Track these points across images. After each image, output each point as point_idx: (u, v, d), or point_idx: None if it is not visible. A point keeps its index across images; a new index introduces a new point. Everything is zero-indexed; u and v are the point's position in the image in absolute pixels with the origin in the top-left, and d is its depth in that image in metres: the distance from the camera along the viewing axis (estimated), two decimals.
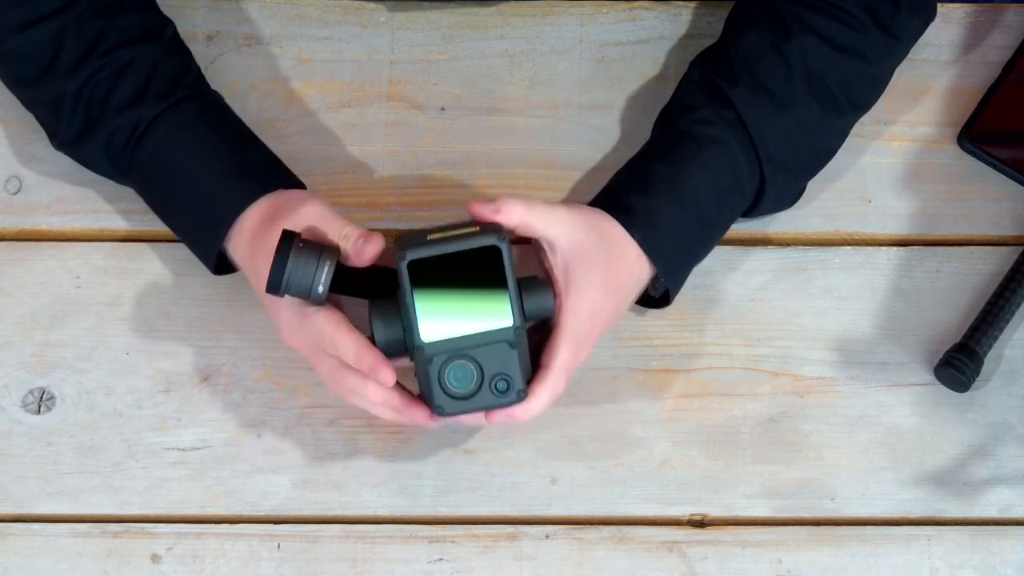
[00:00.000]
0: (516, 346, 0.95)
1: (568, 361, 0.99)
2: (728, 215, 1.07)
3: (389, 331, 0.96)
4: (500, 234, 0.95)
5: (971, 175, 1.15)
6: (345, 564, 1.06)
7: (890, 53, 1.09)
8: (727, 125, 1.05)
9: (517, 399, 0.96)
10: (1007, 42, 1.18)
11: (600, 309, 1.00)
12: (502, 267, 0.95)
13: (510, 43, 1.17)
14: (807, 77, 1.05)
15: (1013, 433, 1.09)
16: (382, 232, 1.12)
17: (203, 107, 1.06)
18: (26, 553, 1.06)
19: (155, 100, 1.04)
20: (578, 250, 1.00)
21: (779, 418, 1.09)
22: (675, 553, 1.07)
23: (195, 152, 1.04)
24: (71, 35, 1.04)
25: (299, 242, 0.96)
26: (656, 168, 1.05)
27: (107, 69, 1.04)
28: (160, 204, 1.07)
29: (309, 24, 1.17)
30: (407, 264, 0.94)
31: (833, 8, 1.06)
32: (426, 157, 1.14)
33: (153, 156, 1.04)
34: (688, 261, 1.06)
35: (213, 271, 1.06)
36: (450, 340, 0.95)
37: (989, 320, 1.09)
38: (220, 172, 1.04)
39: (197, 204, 1.04)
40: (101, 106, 1.04)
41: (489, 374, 0.95)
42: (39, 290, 1.10)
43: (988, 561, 1.07)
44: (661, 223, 1.03)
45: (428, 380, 0.95)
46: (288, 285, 0.95)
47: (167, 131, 1.04)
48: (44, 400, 1.08)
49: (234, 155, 1.05)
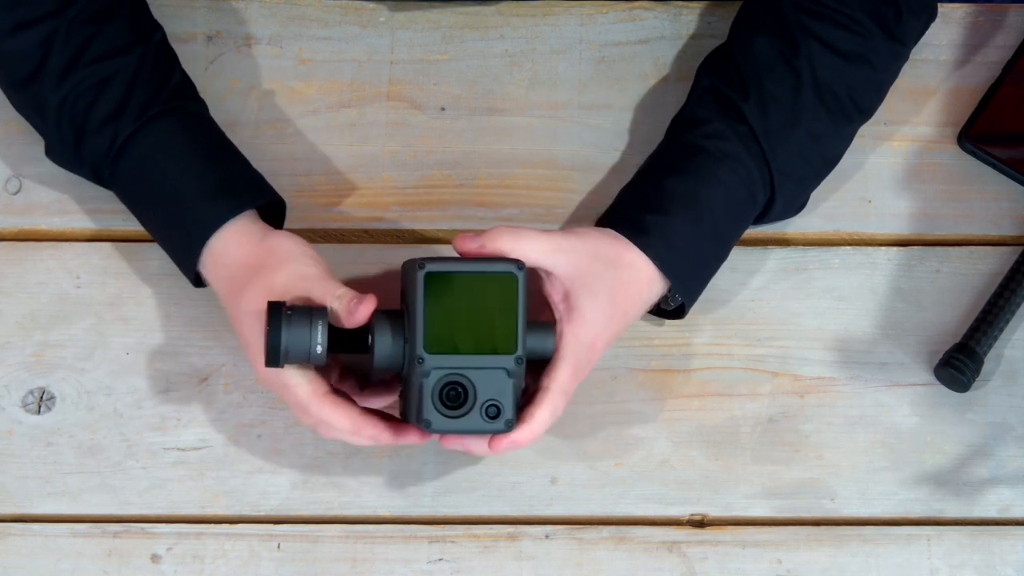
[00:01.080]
0: (513, 376, 0.96)
1: (568, 384, 0.99)
2: (742, 227, 1.07)
3: (392, 343, 0.97)
4: (519, 263, 0.96)
5: (971, 175, 1.15)
6: (345, 564, 1.06)
7: (894, 58, 1.09)
8: (741, 140, 1.05)
9: (506, 428, 0.96)
10: (1007, 42, 1.18)
11: (603, 333, 1.01)
12: (515, 296, 0.96)
13: (510, 43, 1.17)
14: (815, 86, 1.05)
15: (1013, 433, 1.09)
16: (382, 233, 1.13)
17: (182, 122, 1.05)
18: (26, 553, 1.06)
19: (134, 115, 1.03)
20: (579, 277, 1.00)
21: (779, 418, 1.09)
22: (675, 553, 1.07)
23: (170, 169, 1.03)
24: (59, 40, 1.03)
25: (287, 310, 0.96)
26: (671, 183, 1.04)
27: (89, 81, 1.03)
28: (141, 217, 1.07)
29: (309, 24, 1.17)
30: (424, 275, 0.95)
31: (837, 15, 1.05)
32: (426, 157, 1.14)
33: (131, 171, 1.04)
34: (705, 277, 1.06)
35: (193, 283, 1.05)
36: (451, 358, 0.96)
37: (989, 320, 1.09)
38: (195, 190, 1.03)
39: (173, 222, 1.03)
40: (83, 122, 1.04)
41: (482, 398, 0.96)
42: (39, 290, 1.10)
43: (988, 561, 1.07)
44: (679, 242, 1.03)
45: (421, 393, 0.96)
46: (287, 355, 0.96)
47: (143, 148, 1.03)
48: (44, 400, 1.08)
49: (211, 172, 1.04)
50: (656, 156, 1.08)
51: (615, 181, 1.13)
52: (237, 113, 1.14)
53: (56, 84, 1.04)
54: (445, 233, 1.13)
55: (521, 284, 0.96)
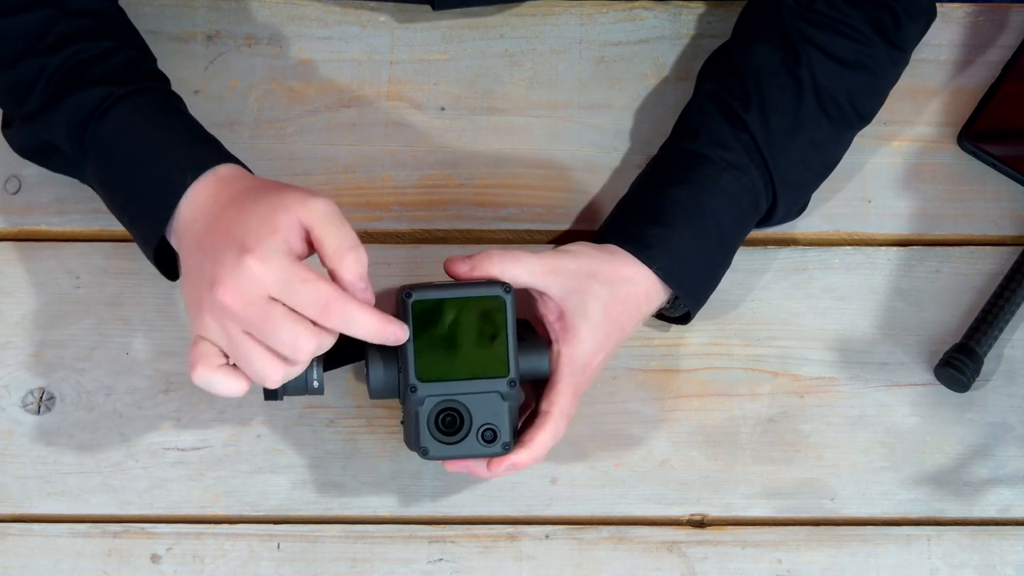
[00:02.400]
0: (508, 398, 0.96)
1: (568, 407, 1.00)
2: (745, 234, 1.07)
3: (386, 372, 0.97)
4: (506, 286, 0.96)
5: (971, 175, 1.15)
6: (345, 564, 1.06)
7: (895, 64, 1.09)
8: (744, 149, 1.04)
9: (503, 451, 0.97)
10: (1007, 42, 1.18)
11: (600, 351, 1.01)
12: (504, 319, 0.96)
13: (510, 43, 1.17)
14: (816, 94, 1.05)
15: (1013, 433, 1.09)
16: (382, 233, 1.13)
17: (170, 98, 1.05)
18: (26, 553, 1.06)
19: (130, 81, 1.02)
20: (573, 297, 1.00)
21: (779, 418, 1.09)
22: (675, 553, 1.07)
23: (164, 124, 1.01)
24: (62, 22, 1.02)
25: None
26: (674, 193, 1.04)
27: (91, 51, 1.02)
28: (120, 176, 1.02)
29: (309, 24, 1.17)
30: (411, 304, 0.95)
31: (836, 23, 1.05)
32: (426, 157, 1.14)
33: (121, 124, 1.01)
34: (710, 286, 1.06)
35: (154, 259, 1.01)
36: (444, 385, 0.96)
37: (989, 320, 1.09)
38: (191, 138, 1.01)
39: (155, 171, 0.99)
40: (78, 77, 1.01)
41: (478, 423, 0.96)
42: (39, 290, 1.10)
43: (988, 561, 1.07)
44: (683, 254, 1.03)
45: (416, 421, 0.96)
46: (286, 388, 0.97)
47: (133, 107, 1.01)
48: (44, 400, 1.08)
49: (203, 131, 1.02)
50: (657, 163, 1.08)
51: (615, 181, 1.13)
52: (237, 113, 1.14)
53: (54, 52, 1.02)
54: (445, 233, 1.13)
55: (509, 306, 0.96)
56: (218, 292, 0.90)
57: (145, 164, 0.99)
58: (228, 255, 0.91)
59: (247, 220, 0.92)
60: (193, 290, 0.94)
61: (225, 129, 1.13)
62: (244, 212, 0.92)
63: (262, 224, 0.91)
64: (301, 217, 0.91)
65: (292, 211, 0.91)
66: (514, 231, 1.13)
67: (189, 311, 0.95)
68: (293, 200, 0.92)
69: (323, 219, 0.91)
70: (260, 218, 0.91)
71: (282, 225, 0.91)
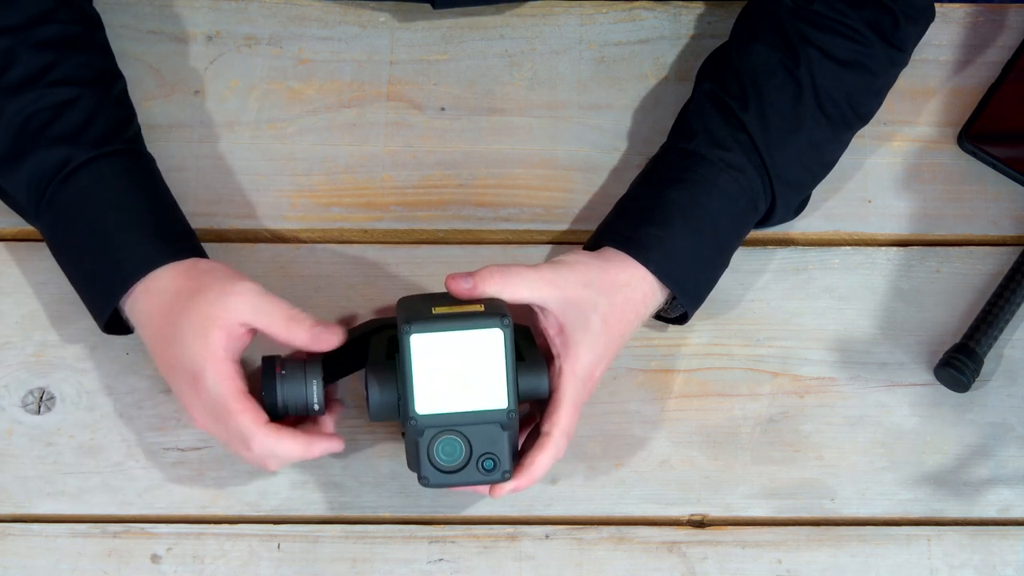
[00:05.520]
0: (507, 428, 0.97)
1: (569, 426, 1.00)
2: (743, 235, 1.07)
3: (384, 395, 0.98)
4: (504, 317, 0.96)
5: (971, 175, 1.15)
6: (345, 564, 1.06)
7: (893, 64, 1.09)
8: (742, 149, 1.04)
9: (502, 479, 0.98)
10: (1007, 42, 1.18)
11: (600, 361, 1.01)
12: (501, 352, 0.96)
13: (510, 43, 1.17)
14: (815, 95, 1.05)
15: (1013, 433, 1.09)
16: (382, 233, 1.13)
17: (135, 164, 1.04)
18: (26, 553, 1.06)
19: (91, 143, 1.02)
20: (572, 308, 1.00)
21: (779, 418, 1.09)
22: (675, 553, 1.07)
23: (118, 204, 1.02)
24: (22, 56, 1.02)
25: (280, 369, 0.99)
26: (672, 194, 1.04)
27: (50, 99, 1.02)
28: (69, 247, 1.03)
29: (309, 24, 1.17)
30: (411, 338, 0.96)
31: (835, 24, 1.05)
32: (426, 157, 1.14)
33: (75, 198, 1.01)
34: (708, 286, 1.06)
35: (103, 325, 1.03)
36: (443, 415, 0.97)
37: (989, 320, 1.09)
38: (139, 228, 1.01)
39: (108, 255, 1.01)
40: (37, 134, 1.02)
41: (477, 452, 0.97)
42: (39, 290, 1.10)
43: (988, 561, 1.07)
44: (681, 254, 1.03)
45: (417, 451, 0.97)
46: (285, 410, 0.99)
47: (95, 178, 1.02)
48: (44, 400, 1.08)
49: (155, 216, 1.03)
50: (655, 163, 1.08)
51: (615, 181, 1.13)
52: (237, 113, 1.14)
53: (14, 94, 1.02)
54: (445, 233, 1.13)
55: (507, 339, 0.96)
56: (193, 418, 1.00)
57: (92, 251, 1.02)
58: (184, 385, 0.99)
59: (184, 342, 0.98)
60: (178, 395, 1.02)
61: (225, 129, 1.13)
62: (180, 333, 0.98)
63: (200, 348, 0.97)
64: (229, 320, 0.97)
65: (218, 321, 0.97)
66: (514, 231, 1.13)
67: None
68: (216, 309, 0.97)
69: (251, 312, 0.97)
70: (195, 338, 0.97)
71: (216, 340, 0.97)
